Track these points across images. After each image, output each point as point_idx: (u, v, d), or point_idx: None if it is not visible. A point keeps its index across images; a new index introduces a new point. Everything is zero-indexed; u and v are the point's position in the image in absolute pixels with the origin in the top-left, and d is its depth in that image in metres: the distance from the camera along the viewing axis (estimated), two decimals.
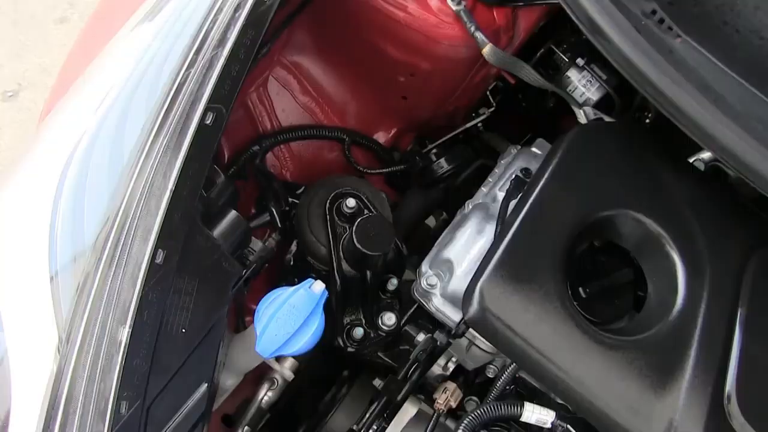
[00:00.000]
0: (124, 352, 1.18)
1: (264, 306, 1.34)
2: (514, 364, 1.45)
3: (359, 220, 1.48)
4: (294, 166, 1.78)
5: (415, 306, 1.58)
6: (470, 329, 1.45)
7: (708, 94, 1.30)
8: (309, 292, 1.36)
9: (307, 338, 1.33)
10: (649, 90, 1.31)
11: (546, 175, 1.42)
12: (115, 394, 1.17)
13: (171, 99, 1.28)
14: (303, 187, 1.68)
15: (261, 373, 1.66)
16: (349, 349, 1.59)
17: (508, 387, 1.50)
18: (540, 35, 1.80)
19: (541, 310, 1.33)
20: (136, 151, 1.25)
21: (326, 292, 1.37)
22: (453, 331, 1.45)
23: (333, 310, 1.57)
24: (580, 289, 1.47)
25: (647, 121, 1.83)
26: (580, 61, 1.81)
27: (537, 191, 1.40)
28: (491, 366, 1.57)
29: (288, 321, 1.33)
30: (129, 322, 1.19)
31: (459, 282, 1.45)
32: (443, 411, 1.51)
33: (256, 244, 1.51)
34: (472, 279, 1.36)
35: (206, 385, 1.28)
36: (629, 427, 1.32)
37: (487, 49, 1.53)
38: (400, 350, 1.63)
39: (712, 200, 1.51)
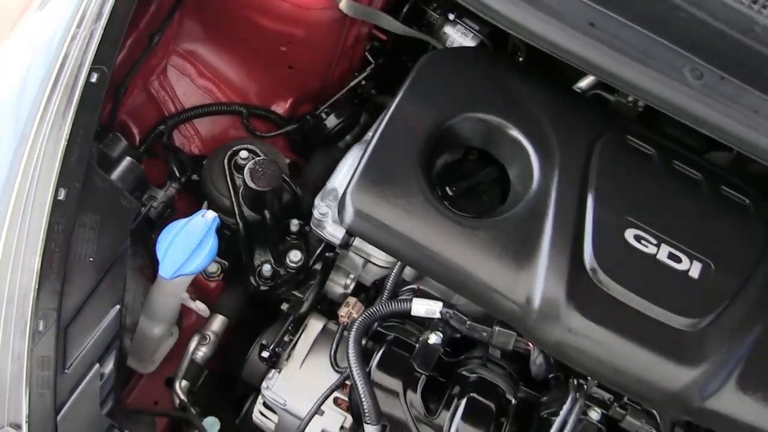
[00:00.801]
0: (37, 276, 1.35)
1: (163, 236, 1.51)
2: (399, 263, 1.61)
3: (250, 162, 1.67)
4: (201, 143, 1.98)
5: (323, 245, 1.75)
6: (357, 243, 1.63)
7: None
8: (202, 219, 1.53)
9: (202, 257, 1.50)
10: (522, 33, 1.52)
11: (401, 93, 1.61)
12: (32, 312, 1.33)
13: (61, 63, 1.47)
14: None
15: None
16: (262, 288, 1.76)
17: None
18: None
19: (406, 204, 1.49)
20: (36, 106, 1.44)
21: (217, 219, 1.54)
22: (339, 243, 1.62)
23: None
24: (447, 189, 1.63)
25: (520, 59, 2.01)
26: (451, 15, 1.96)
27: (393, 107, 1.59)
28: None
29: (185, 245, 1.50)
30: (39, 251, 1.36)
31: None
32: (347, 323, 1.66)
33: (159, 193, 1.70)
34: (343, 192, 1.53)
35: (118, 307, 1.45)
36: (501, 294, 1.47)
37: (343, 3, 1.74)
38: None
39: (559, 99, 1.70)
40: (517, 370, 1.65)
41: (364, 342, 1.60)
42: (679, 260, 1.52)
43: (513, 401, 1.60)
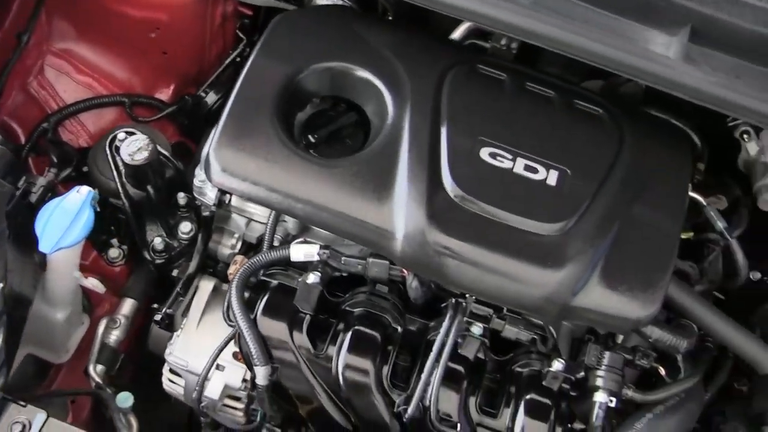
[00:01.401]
0: None
1: (41, 214, 1.57)
2: (273, 212, 1.68)
3: (125, 139, 1.73)
4: (89, 137, 2.04)
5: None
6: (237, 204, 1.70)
7: None
8: (77, 194, 1.59)
9: (79, 229, 1.56)
10: None
11: (254, 53, 1.68)
12: None
13: None
14: None
15: None
16: (157, 261, 1.82)
17: None
18: None
19: (266, 154, 1.55)
20: None
21: (92, 192, 1.60)
22: (213, 203, 1.68)
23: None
24: (310, 137, 1.69)
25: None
26: None
27: (246, 67, 1.66)
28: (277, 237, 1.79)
29: (62, 220, 1.56)
30: None
31: None
32: None
33: (39, 179, 1.76)
34: (206, 152, 1.59)
35: (0, 285, 1.50)
36: (368, 226, 1.53)
37: None
38: None
39: (409, 40, 1.76)
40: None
41: (248, 294, 1.65)
42: (535, 171, 1.59)
43: (399, 330, 1.66)
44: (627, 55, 1.57)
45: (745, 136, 2.01)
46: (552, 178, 1.59)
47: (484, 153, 1.59)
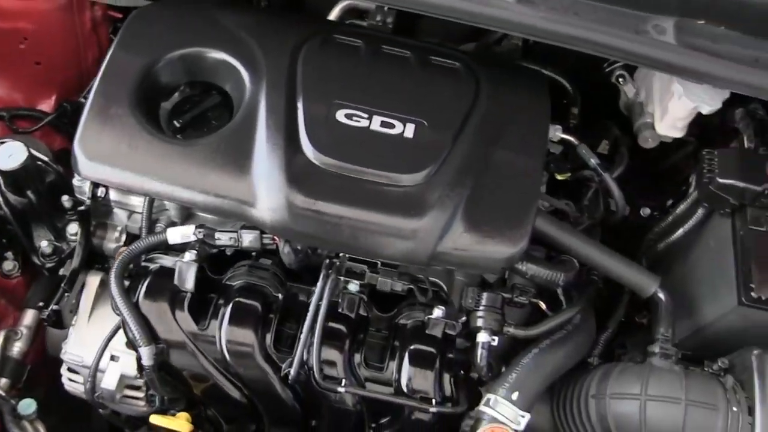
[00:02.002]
0: None
1: None
2: (147, 199, 1.71)
3: None
4: None
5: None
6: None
7: None
8: None
9: None
10: None
11: (111, 48, 1.71)
12: None
13: None
14: None
15: None
16: (48, 265, 1.84)
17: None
18: None
19: (128, 142, 1.59)
20: None
21: None
22: (87, 196, 1.71)
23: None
24: (175, 122, 1.73)
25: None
26: None
27: (105, 63, 1.69)
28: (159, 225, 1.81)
29: None
30: None
31: None
32: None
33: None
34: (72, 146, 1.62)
35: None
36: (233, 199, 1.56)
37: None
38: None
39: (265, 20, 1.81)
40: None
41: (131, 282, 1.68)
42: (392, 126, 1.64)
43: (280, 297, 1.69)
44: (470, 4, 1.62)
45: (620, 80, 2.08)
46: (409, 131, 1.63)
47: (340, 115, 1.64)
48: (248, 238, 1.63)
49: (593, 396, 1.68)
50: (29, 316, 1.93)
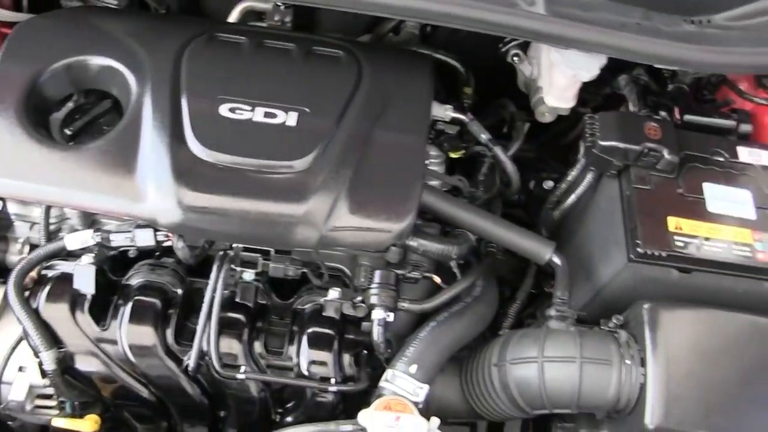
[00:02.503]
0: None
1: None
2: (43, 206, 1.73)
3: None
4: None
5: None
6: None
7: None
8: None
9: None
10: None
11: None
12: None
13: None
14: None
15: None
16: None
17: None
18: None
19: (15, 150, 1.61)
20: None
21: None
22: None
23: None
24: (66, 131, 1.75)
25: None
26: None
27: None
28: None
29: None
30: None
31: None
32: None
33: None
34: None
35: None
36: (126, 200, 1.59)
37: None
38: None
39: (148, 23, 1.85)
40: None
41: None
42: (274, 116, 1.67)
43: (179, 293, 1.72)
44: None
45: (515, 59, 2.13)
46: (291, 119, 1.67)
47: (224, 109, 1.67)
48: (142, 237, 1.66)
49: (495, 364, 1.72)
50: None
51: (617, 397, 1.65)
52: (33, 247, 1.85)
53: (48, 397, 1.78)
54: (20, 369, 1.74)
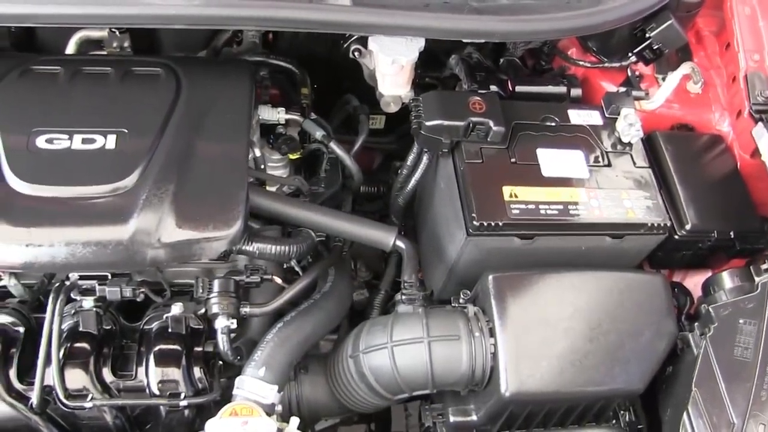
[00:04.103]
0: None
1: None
2: None
3: None
4: None
5: None
6: None
7: None
8: None
9: None
10: None
11: None
12: None
13: None
14: None
15: None
16: None
17: None
18: None
19: None
20: None
21: None
22: None
23: None
24: None
25: None
26: None
27: None
28: None
29: None
30: None
31: None
32: None
33: None
34: None
35: None
36: None
37: None
38: None
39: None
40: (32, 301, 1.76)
41: None
42: (93, 141, 1.66)
43: (21, 332, 1.70)
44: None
45: (356, 53, 2.13)
46: (110, 142, 1.66)
47: (41, 141, 1.65)
48: None
49: (351, 356, 1.73)
50: None
51: (471, 370, 1.67)
52: None
53: None
54: None
